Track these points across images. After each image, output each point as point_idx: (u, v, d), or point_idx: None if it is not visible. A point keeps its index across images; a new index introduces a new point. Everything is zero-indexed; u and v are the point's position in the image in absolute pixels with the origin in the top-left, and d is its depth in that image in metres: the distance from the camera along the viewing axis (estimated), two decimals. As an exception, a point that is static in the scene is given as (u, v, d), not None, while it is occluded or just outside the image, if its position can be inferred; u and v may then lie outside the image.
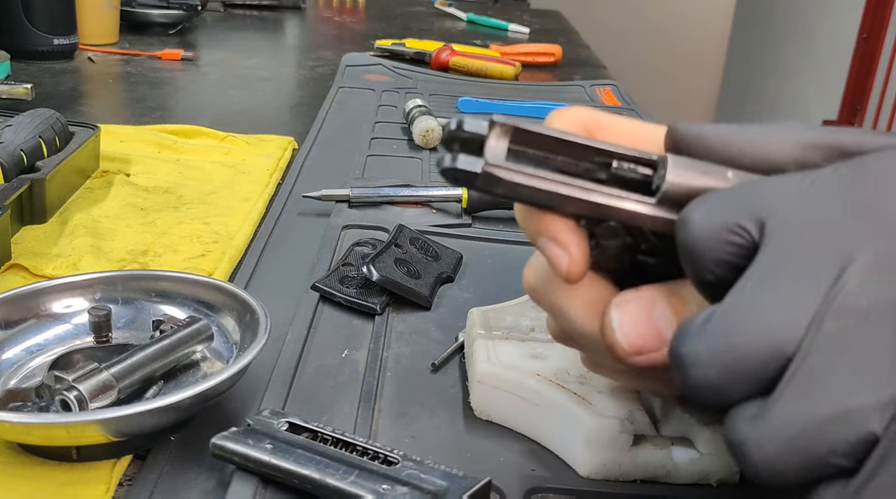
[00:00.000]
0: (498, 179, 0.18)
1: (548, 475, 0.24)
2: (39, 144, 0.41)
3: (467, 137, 0.19)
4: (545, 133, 0.19)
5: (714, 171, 0.18)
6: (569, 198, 0.19)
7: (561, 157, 0.19)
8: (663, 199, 0.18)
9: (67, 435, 0.23)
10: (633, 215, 0.19)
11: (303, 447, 0.23)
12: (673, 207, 0.18)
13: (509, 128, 0.18)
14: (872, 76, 1.40)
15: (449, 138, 0.19)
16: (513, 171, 0.18)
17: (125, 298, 0.30)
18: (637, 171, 0.19)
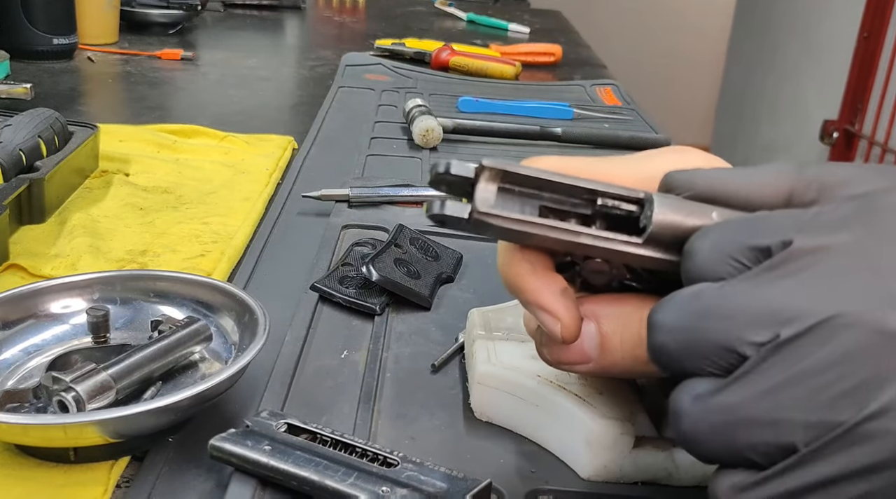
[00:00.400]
0: (487, 224, 0.19)
1: (548, 477, 0.24)
2: (38, 144, 0.41)
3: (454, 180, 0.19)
4: (533, 175, 0.19)
5: (699, 210, 0.19)
6: (557, 240, 0.19)
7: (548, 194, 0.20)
8: (650, 239, 0.19)
9: (65, 436, 0.23)
10: (620, 255, 0.19)
11: (302, 449, 0.23)
12: (659, 245, 0.19)
13: (498, 171, 0.19)
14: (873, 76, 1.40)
15: (436, 180, 0.20)
16: (501, 217, 0.19)
17: (124, 299, 0.30)
18: (622, 207, 0.19)
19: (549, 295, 0.20)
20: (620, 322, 0.20)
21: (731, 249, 0.17)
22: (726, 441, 0.16)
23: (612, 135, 0.60)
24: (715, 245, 0.18)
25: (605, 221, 0.20)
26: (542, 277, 0.20)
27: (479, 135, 0.58)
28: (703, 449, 0.16)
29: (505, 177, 0.19)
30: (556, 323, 0.20)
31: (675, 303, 0.17)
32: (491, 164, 0.19)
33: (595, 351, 0.21)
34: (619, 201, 0.19)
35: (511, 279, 0.21)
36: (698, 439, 0.16)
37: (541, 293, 0.20)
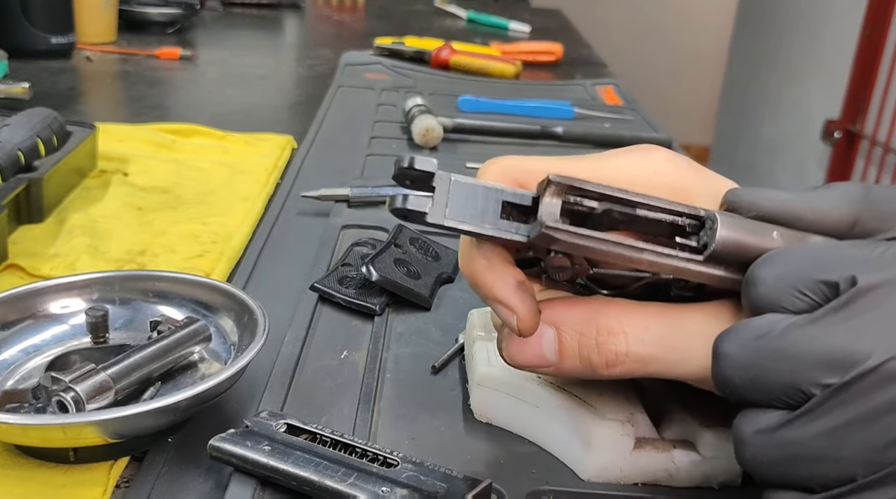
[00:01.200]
0: (556, 239, 0.19)
1: (548, 478, 0.24)
2: (37, 144, 0.41)
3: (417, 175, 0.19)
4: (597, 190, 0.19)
5: (760, 230, 0.19)
6: (621, 256, 0.19)
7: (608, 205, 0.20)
8: (712, 256, 0.19)
9: (64, 436, 0.23)
10: (680, 271, 0.20)
11: (301, 449, 0.23)
12: (719, 263, 0.19)
13: (565, 187, 0.19)
14: (875, 75, 1.40)
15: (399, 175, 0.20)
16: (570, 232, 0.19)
17: (122, 299, 0.30)
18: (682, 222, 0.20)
19: (504, 288, 0.20)
20: (577, 328, 0.21)
21: (797, 282, 0.17)
22: (785, 473, 0.17)
23: (613, 134, 0.60)
24: (780, 276, 0.18)
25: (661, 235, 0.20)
26: (499, 272, 0.21)
27: (480, 134, 0.58)
28: (762, 476, 0.18)
29: (570, 190, 0.19)
30: (511, 316, 0.20)
31: (742, 336, 0.18)
32: (558, 179, 0.19)
33: (554, 356, 0.21)
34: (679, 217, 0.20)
35: (469, 275, 0.21)
36: (758, 469, 0.17)
37: (496, 286, 0.20)
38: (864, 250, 0.18)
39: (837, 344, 0.16)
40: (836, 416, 0.16)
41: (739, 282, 0.19)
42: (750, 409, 0.18)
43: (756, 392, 0.17)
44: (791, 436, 0.17)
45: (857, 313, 0.17)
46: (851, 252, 0.18)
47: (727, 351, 0.18)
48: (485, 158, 0.64)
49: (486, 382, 0.26)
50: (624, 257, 0.19)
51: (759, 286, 0.18)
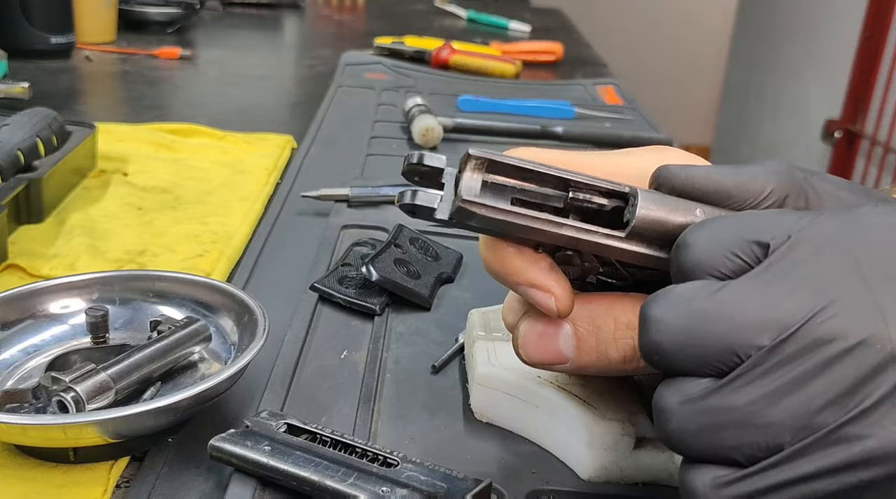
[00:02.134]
0: (471, 213, 0.19)
1: (549, 478, 0.24)
2: (37, 144, 0.41)
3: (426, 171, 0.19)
4: (520, 164, 0.19)
5: (683, 207, 0.19)
6: (540, 231, 0.19)
7: (534, 188, 0.20)
8: (633, 232, 0.19)
9: (64, 436, 0.23)
10: (603, 248, 0.19)
11: (301, 449, 0.23)
12: (642, 240, 0.19)
13: (484, 161, 0.19)
14: (875, 75, 1.40)
15: (408, 171, 0.20)
16: (486, 206, 0.19)
17: (123, 299, 0.30)
18: (597, 201, 0.20)
19: (538, 271, 0.20)
20: (595, 323, 0.21)
21: (728, 244, 0.17)
22: (713, 442, 0.16)
23: (613, 134, 0.60)
24: (712, 238, 0.17)
25: (589, 216, 0.20)
26: (529, 256, 0.20)
27: (480, 134, 0.58)
28: (687, 448, 0.17)
29: (491, 166, 0.19)
30: (549, 298, 0.20)
31: (673, 300, 0.17)
32: (477, 153, 0.19)
33: (571, 351, 0.21)
34: (602, 196, 0.19)
35: (496, 264, 0.21)
36: (684, 439, 0.17)
37: (530, 271, 0.20)
38: (793, 215, 0.17)
39: (771, 303, 0.16)
40: (768, 379, 0.16)
41: (664, 260, 0.19)
42: (675, 378, 0.17)
43: (687, 358, 0.16)
44: (720, 402, 0.16)
45: (789, 271, 0.16)
46: (782, 216, 0.17)
47: (657, 315, 0.17)
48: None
49: (487, 381, 0.26)
50: (545, 233, 0.19)
51: (690, 249, 0.17)
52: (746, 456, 0.16)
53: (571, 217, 0.19)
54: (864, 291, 0.16)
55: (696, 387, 0.17)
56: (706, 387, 0.16)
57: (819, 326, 0.15)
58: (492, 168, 0.19)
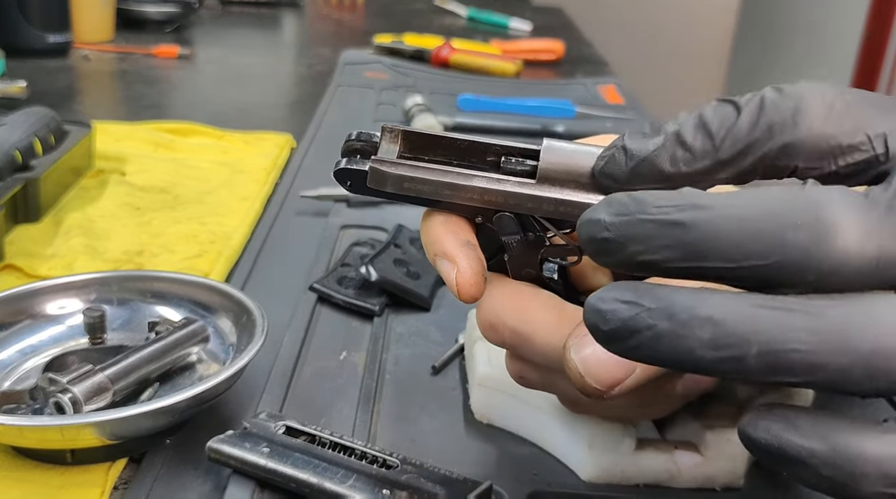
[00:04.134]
0: (384, 173, 0.19)
1: (549, 479, 0.24)
2: (34, 143, 0.41)
3: (361, 146, 0.20)
4: (433, 134, 0.20)
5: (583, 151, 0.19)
6: (453, 185, 0.19)
7: (455, 159, 0.20)
8: (542, 177, 0.19)
9: (62, 438, 0.23)
10: (518, 196, 0.19)
11: (300, 451, 0.22)
12: (553, 183, 0.19)
13: (398, 131, 0.20)
14: (877, 74, 1.39)
15: (346, 150, 0.20)
16: (398, 165, 0.19)
17: (120, 299, 0.29)
18: (526, 163, 0.20)
19: (453, 242, 0.20)
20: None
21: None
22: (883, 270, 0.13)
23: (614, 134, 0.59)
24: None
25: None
26: (451, 228, 0.20)
27: (480, 133, 0.58)
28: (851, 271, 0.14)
29: (405, 136, 0.20)
30: (452, 270, 0.19)
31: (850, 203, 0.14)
32: (391, 125, 0.20)
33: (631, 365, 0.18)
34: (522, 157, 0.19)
35: (423, 233, 0.20)
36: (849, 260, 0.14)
37: (446, 240, 0.20)
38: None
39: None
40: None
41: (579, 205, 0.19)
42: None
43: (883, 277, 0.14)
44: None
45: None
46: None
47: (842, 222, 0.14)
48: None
49: (487, 382, 0.26)
50: (457, 187, 0.19)
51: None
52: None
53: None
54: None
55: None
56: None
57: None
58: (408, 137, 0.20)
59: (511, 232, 0.20)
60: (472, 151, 0.20)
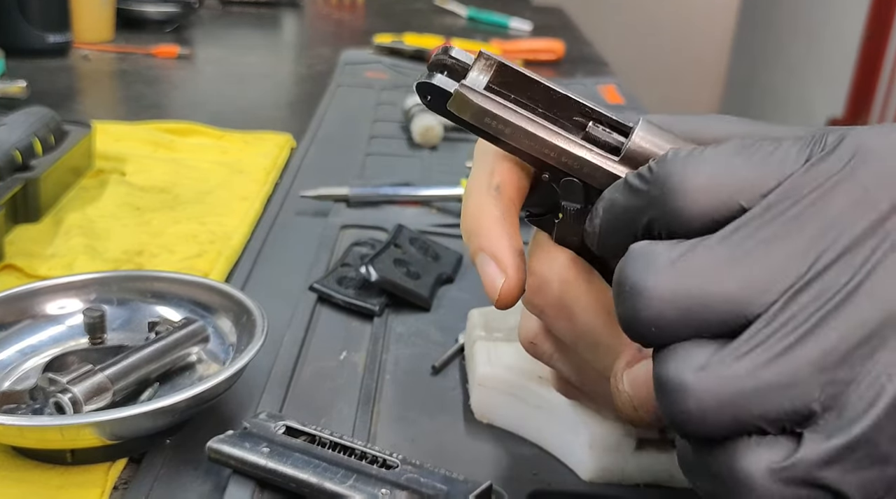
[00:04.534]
0: (468, 100, 0.18)
1: (550, 479, 0.24)
2: (34, 143, 0.41)
3: (452, 64, 0.19)
4: (529, 75, 0.18)
5: (682, 143, 0.18)
6: (534, 136, 0.18)
7: (541, 108, 0.19)
8: (626, 156, 0.18)
9: (62, 438, 0.23)
10: (594, 168, 0.18)
11: (300, 451, 0.22)
12: (634, 167, 0.18)
13: (494, 62, 0.18)
14: (878, 73, 1.39)
15: (435, 63, 0.19)
16: (485, 96, 0.18)
17: (120, 299, 0.29)
18: (612, 136, 0.19)
19: (508, 247, 0.19)
20: None
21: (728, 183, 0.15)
22: (737, 414, 0.14)
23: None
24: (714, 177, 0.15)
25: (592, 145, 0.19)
26: (507, 229, 0.19)
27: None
28: (709, 428, 0.14)
29: (500, 69, 0.18)
30: (500, 277, 0.18)
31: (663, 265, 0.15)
32: (489, 54, 0.18)
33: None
34: (611, 129, 0.19)
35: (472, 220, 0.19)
36: (705, 416, 0.14)
37: (501, 242, 0.19)
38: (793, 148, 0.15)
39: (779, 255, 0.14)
40: (784, 334, 0.14)
41: None
42: (680, 348, 0.14)
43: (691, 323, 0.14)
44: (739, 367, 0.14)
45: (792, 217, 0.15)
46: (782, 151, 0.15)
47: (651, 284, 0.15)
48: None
49: (487, 382, 0.26)
50: (537, 139, 0.18)
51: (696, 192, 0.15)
52: (775, 427, 0.14)
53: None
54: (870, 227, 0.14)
55: (704, 354, 0.14)
56: (716, 352, 0.14)
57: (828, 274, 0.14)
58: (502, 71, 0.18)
59: (574, 199, 0.19)
60: (563, 105, 0.18)
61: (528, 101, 0.19)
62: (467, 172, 0.50)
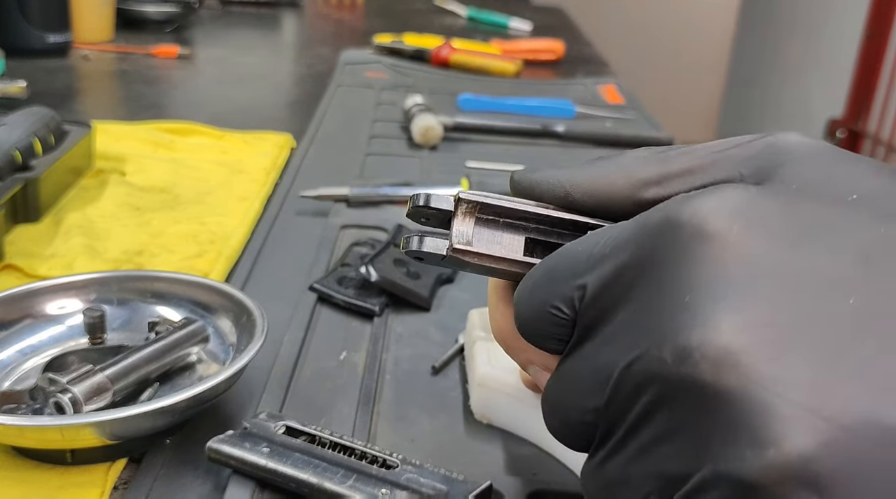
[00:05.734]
0: (464, 261, 0.18)
1: (550, 479, 0.24)
2: (34, 143, 0.41)
3: (432, 213, 0.19)
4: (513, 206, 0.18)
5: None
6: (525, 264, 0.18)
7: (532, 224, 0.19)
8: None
9: (62, 438, 0.23)
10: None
11: (300, 451, 0.22)
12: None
13: (475, 204, 0.18)
14: (878, 74, 1.40)
15: (413, 213, 0.19)
16: (479, 254, 0.18)
17: (120, 299, 0.29)
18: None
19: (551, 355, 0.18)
20: None
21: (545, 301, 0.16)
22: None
23: (614, 133, 0.60)
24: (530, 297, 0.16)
25: None
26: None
27: (480, 133, 0.58)
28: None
29: (483, 209, 0.18)
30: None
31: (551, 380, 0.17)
32: (467, 196, 0.18)
33: None
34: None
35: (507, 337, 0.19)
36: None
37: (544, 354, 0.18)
38: (587, 244, 0.16)
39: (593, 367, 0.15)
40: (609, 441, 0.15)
41: None
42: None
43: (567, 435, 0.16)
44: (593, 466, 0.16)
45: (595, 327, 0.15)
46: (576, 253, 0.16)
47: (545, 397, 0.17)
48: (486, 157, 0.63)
49: (487, 382, 0.26)
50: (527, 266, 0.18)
51: (518, 307, 0.17)
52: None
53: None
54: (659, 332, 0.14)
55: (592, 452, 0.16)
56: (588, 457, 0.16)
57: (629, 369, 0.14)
58: (486, 210, 0.18)
59: None
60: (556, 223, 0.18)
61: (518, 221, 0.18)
62: (467, 172, 0.50)
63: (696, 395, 0.13)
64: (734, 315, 0.13)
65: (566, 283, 0.16)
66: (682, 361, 0.13)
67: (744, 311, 0.13)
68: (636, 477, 0.15)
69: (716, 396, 0.13)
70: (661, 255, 0.14)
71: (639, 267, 0.15)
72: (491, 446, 0.25)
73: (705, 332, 0.13)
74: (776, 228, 0.14)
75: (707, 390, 0.13)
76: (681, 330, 0.13)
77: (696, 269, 0.14)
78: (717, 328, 0.13)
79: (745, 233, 0.14)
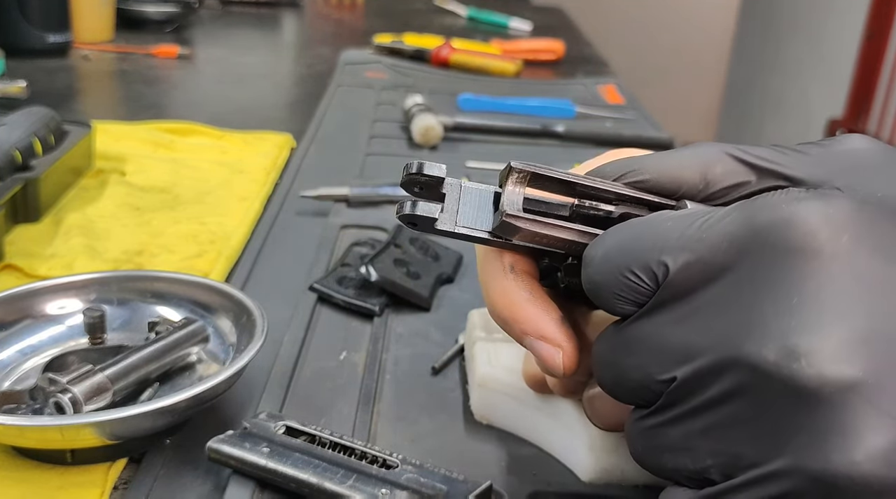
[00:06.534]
0: (516, 227, 0.18)
1: (549, 480, 0.24)
2: (33, 143, 0.41)
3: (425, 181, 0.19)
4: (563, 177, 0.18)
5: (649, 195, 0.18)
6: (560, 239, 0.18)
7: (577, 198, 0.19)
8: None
9: (62, 438, 0.23)
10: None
11: (300, 451, 0.22)
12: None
13: (526, 173, 0.18)
14: (878, 74, 1.40)
15: (407, 181, 0.19)
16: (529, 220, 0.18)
17: (120, 299, 0.29)
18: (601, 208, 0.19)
19: (550, 323, 0.19)
20: None
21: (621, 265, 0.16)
22: (657, 464, 0.17)
23: (614, 133, 0.60)
24: (606, 259, 0.17)
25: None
26: (542, 305, 0.19)
27: (480, 133, 0.58)
28: (647, 468, 0.17)
29: (534, 179, 0.18)
30: (557, 353, 0.19)
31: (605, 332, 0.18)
32: (518, 165, 0.18)
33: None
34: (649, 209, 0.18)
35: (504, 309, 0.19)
36: (639, 460, 0.17)
37: (541, 321, 0.19)
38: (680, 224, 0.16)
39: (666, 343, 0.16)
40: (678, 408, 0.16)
41: None
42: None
43: (619, 390, 0.17)
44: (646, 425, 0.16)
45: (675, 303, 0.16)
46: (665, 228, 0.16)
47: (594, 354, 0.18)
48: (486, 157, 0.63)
49: (487, 383, 0.26)
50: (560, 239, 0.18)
51: (589, 268, 0.17)
52: (690, 481, 0.16)
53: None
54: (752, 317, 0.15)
55: (638, 411, 0.17)
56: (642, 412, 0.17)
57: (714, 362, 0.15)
58: (535, 181, 0.18)
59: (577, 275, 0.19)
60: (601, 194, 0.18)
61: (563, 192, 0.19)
62: (468, 172, 0.50)
63: (792, 393, 0.14)
64: (840, 326, 0.14)
65: (649, 254, 0.16)
66: (786, 362, 0.14)
67: (849, 322, 0.14)
68: (699, 449, 0.15)
69: (812, 398, 0.14)
70: (770, 256, 0.15)
71: (740, 261, 0.15)
72: (491, 446, 0.25)
73: (812, 339, 0.14)
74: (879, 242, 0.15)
75: (804, 391, 0.14)
76: (788, 333, 0.14)
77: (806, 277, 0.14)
78: (825, 337, 0.14)
79: (852, 245, 0.15)
